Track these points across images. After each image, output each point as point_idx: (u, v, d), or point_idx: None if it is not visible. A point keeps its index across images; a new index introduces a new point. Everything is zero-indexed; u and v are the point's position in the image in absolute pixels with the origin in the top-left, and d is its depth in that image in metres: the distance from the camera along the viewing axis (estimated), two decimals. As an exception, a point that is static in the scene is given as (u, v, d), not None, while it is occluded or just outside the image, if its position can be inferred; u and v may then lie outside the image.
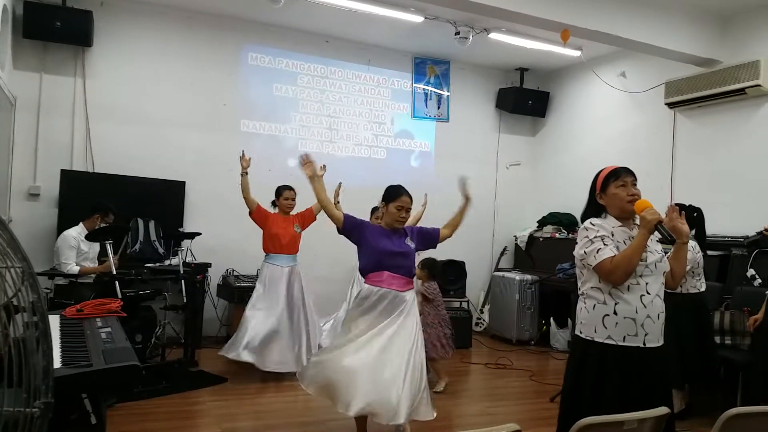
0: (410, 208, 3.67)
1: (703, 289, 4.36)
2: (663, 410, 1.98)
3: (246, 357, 4.86)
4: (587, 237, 2.50)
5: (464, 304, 7.27)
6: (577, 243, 2.58)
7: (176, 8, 6.37)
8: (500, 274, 7.47)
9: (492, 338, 7.20)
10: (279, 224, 5.18)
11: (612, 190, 2.54)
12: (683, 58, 5.79)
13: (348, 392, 3.33)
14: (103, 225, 5.13)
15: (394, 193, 3.63)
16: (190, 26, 6.50)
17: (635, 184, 2.55)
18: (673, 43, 5.60)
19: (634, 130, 6.80)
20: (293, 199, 5.25)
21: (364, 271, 3.63)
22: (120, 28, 6.21)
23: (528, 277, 7.09)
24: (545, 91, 8.09)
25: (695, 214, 4.50)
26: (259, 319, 4.98)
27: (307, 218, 5.31)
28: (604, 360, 2.42)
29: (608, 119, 7.17)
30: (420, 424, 3.98)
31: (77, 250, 5.05)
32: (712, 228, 4.81)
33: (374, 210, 5.22)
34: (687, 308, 4.31)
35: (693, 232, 4.47)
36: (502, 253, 8.04)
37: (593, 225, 2.52)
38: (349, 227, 3.64)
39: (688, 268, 4.19)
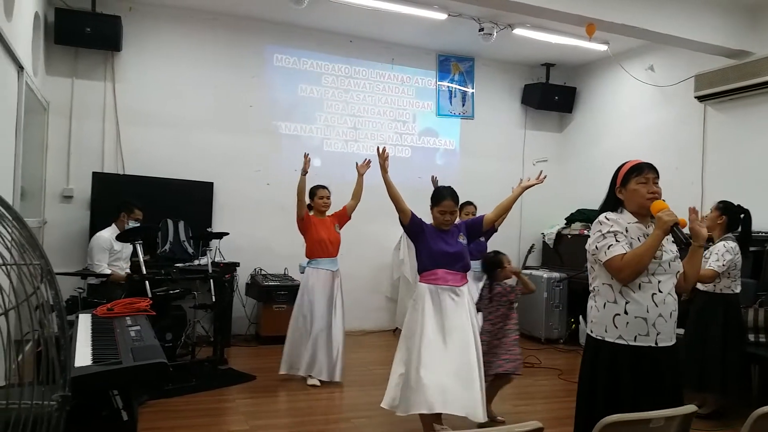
0: (455, 211, 3.77)
1: (737, 291, 4.26)
2: (690, 408, 1.95)
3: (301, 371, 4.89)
4: (600, 231, 2.46)
5: (491, 302, 7.22)
6: (590, 237, 2.54)
7: (201, 11, 6.46)
8: (528, 272, 7.36)
9: (520, 336, 7.12)
10: (321, 228, 5.02)
11: (632, 185, 2.47)
12: (713, 50, 5.67)
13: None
14: (132, 222, 5.21)
15: (438, 197, 3.78)
16: (216, 29, 6.58)
17: (657, 182, 2.48)
18: (702, 34, 5.49)
19: (663, 124, 6.68)
20: (328, 198, 5.10)
21: (421, 270, 3.77)
22: (147, 33, 6.32)
23: (556, 274, 7.02)
24: (572, 87, 8.00)
25: (742, 216, 4.35)
26: (303, 332, 4.90)
27: (342, 218, 5.20)
28: (615, 360, 2.39)
29: (636, 114, 7.06)
30: (448, 422, 3.97)
31: (110, 250, 5.15)
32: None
33: (462, 205, 5.18)
34: (716, 308, 4.23)
35: (739, 230, 4.36)
36: (529, 251, 7.95)
37: (608, 219, 2.47)
38: (413, 225, 3.79)
39: (725, 268, 4.11)
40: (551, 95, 7.87)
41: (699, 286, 4.34)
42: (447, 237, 3.76)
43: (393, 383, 3.77)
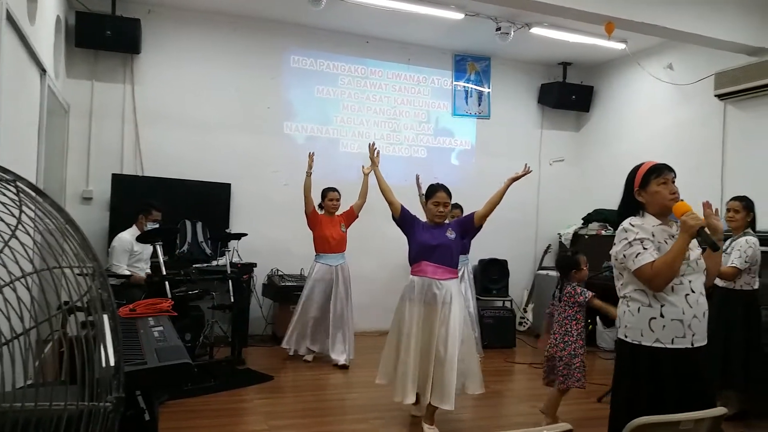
0: (447, 203, 3.96)
1: (756, 287, 4.23)
2: (720, 410, 1.93)
3: (301, 350, 5.55)
4: (626, 239, 2.42)
5: (507, 304, 7.20)
6: (615, 244, 2.50)
7: (220, 14, 6.50)
8: (544, 272, 7.36)
9: (536, 338, 7.09)
10: (327, 226, 5.56)
11: (653, 187, 2.46)
12: (733, 47, 5.60)
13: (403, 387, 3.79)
14: (150, 223, 5.24)
15: (431, 191, 4.00)
16: (234, 31, 6.62)
17: (674, 181, 2.48)
18: (723, 32, 5.42)
19: (682, 123, 6.61)
20: (338, 200, 5.62)
21: (410, 262, 4.00)
22: (166, 35, 6.37)
23: (573, 275, 6.95)
24: (589, 86, 7.95)
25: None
26: (307, 311, 5.48)
27: (350, 217, 5.66)
28: (656, 364, 2.35)
29: (655, 113, 6.99)
30: (468, 423, 3.98)
31: (131, 252, 5.19)
32: (765, 223, 4.64)
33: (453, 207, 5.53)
34: (737, 305, 4.18)
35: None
36: (545, 252, 7.93)
37: (633, 226, 2.44)
38: (403, 218, 4.04)
39: (747, 265, 4.07)
40: (568, 94, 7.82)
41: (718, 281, 4.29)
42: (434, 231, 3.94)
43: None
